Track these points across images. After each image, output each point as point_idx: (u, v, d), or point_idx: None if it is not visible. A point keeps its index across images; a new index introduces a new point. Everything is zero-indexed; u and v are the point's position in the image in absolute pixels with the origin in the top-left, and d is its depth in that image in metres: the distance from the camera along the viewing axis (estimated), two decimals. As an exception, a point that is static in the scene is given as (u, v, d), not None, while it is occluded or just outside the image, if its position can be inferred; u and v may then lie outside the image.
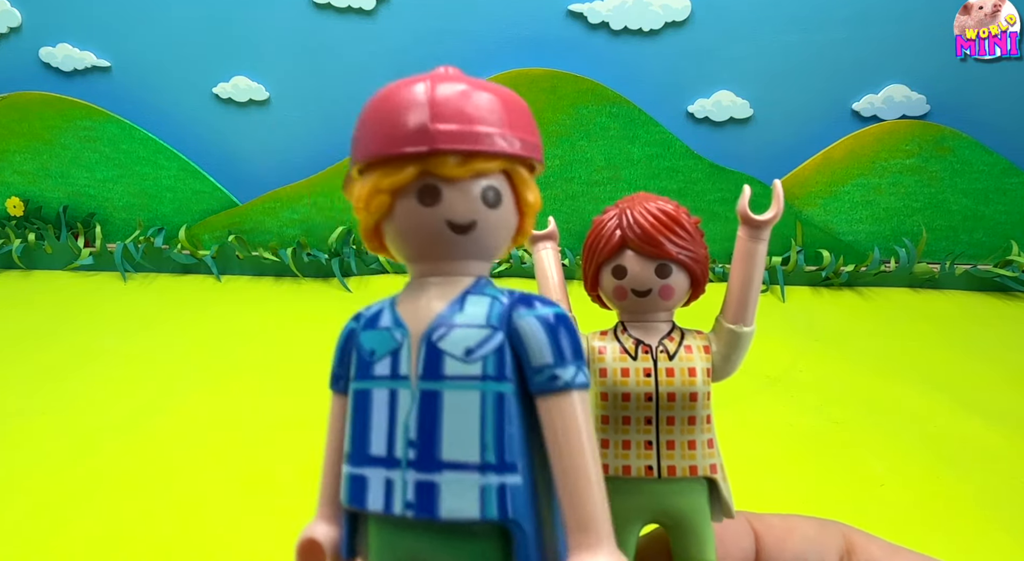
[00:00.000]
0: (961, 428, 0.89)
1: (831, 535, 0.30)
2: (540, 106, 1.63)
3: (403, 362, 0.22)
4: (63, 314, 1.32)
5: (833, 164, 1.71)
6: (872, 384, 1.04)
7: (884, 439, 0.86)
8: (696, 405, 0.30)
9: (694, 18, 1.62)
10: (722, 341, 0.31)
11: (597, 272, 0.32)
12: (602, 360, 0.31)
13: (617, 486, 0.29)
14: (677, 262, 0.31)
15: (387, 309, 0.23)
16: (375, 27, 1.63)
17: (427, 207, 0.22)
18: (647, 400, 0.30)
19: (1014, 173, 1.68)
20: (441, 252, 0.23)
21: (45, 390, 0.96)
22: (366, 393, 0.22)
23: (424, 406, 0.21)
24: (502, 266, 1.63)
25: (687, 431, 0.30)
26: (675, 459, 0.30)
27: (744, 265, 0.31)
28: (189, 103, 1.70)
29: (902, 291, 1.62)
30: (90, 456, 0.78)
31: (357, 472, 0.22)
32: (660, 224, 0.30)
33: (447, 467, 0.20)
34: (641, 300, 0.31)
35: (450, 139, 0.21)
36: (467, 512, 0.20)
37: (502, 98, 0.23)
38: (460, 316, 0.22)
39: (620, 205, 0.32)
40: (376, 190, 0.22)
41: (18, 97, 1.67)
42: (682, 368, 0.30)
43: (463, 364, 0.21)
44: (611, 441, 0.30)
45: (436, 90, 0.22)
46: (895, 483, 0.75)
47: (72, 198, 1.74)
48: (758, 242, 0.31)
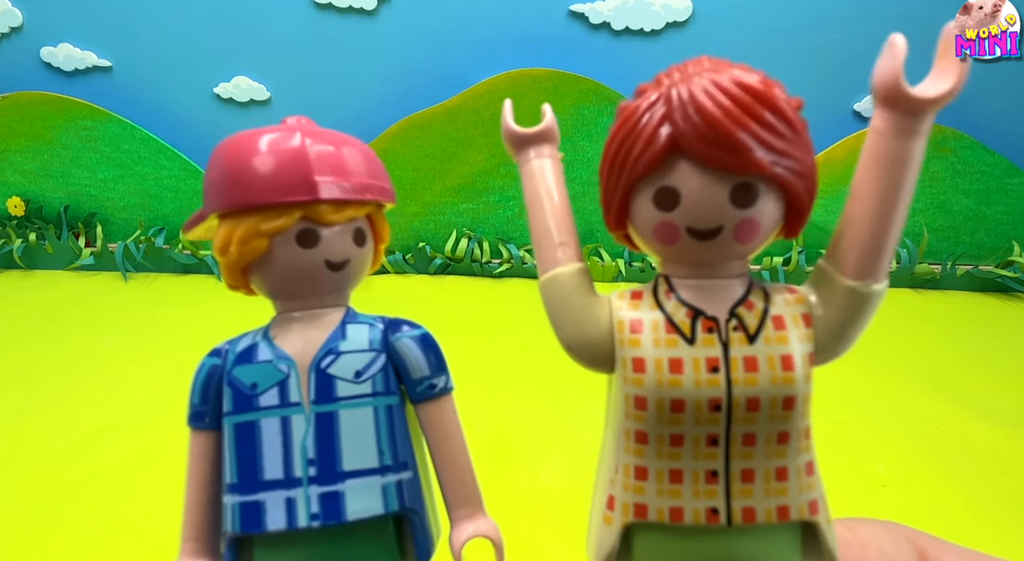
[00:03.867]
0: (963, 429, 0.89)
1: (904, 544, 0.25)
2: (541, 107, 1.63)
3: (292, 390, 0.24)
4: (63, 314, 1.32)
5: (835, 164, 1.71)
6: (873, 385, 1.03)
7: (885, 440, 0.86)
8: (792, 415, 0.19)
9: (695, 18, 1.62)
10: (835, 305, 0.19)
11: (627, 197, 0.20)
12: (636, 344, 0.19)
13: (660, 536, 0.20)
14: (770, 179, 0.18)
15: (262, 343, 0.25)
16: (376, 27, 1.63)
17: (306, 249, 0.24)
18: (713, 410, 0.19)
19: (1016, 173, 1.68)
20: (316, 288, 0.25)
21: (45, 390, 0.96)
22: (252, 425, 0.24)
23: (320, 427, 0.23)
24: (503, 267, 1.63)
25: (775, 454, 0.19)
26: (755, 497, 0.19)
27: (887, 179, 0.17)
28: (190, 103, 1.70)
29: (903, 291, 1.62)
30: (90, 456, 0.78)
31: (249, 499, 0.23)
32: (741, 109, 0.18)
33: (349, 476, 0.23)
34: (703, 245, 0.19)
35: (330, 190, 0.24)
36: (372, 510, 0.23)
37: (362, 152, 0.26)
38: (344, 343, 0.25)
39: (667, 78, 0.19)
40: (254, 234, 0.24)
41: (19, 97, 1.67)
42: (771, 356, 0.18)
43: (354, 385, 0.24)
44: (650, 470, 0.20)
45: (312, 145, 0.24)
46: (896, 484, 0.75)
47: (73, 198, 1.74)
48: (914, 138, 0.18)
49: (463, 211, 1.70)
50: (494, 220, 1.73)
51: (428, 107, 1.64)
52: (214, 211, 0.24)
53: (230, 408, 0.24)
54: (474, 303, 1.44)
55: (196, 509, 0.25)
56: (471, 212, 1.73)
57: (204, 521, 0.25)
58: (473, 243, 1.68)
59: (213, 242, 0.25)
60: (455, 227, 1.71)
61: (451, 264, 1.67)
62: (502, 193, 1.71)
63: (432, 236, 1.71)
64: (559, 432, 0.83)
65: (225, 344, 0.26)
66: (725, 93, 0.17)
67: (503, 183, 1.70)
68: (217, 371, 0.26)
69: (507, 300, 1.44)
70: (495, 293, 1.51)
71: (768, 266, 1.59)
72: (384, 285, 1.58)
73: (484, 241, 1.68)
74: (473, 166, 1.69)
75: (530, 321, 1.24)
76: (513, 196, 1.71)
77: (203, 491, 0.25)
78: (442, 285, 1.57)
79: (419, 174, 1.69)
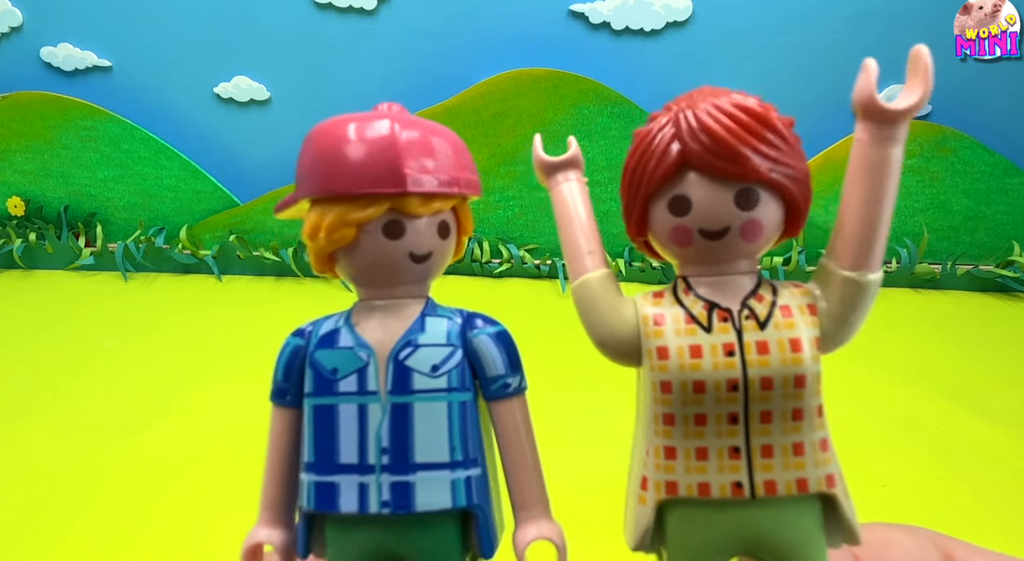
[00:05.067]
0: (962, 429, 0.89)
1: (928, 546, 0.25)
2: (542, 106, 1.63)
3: (371, 379, 0.24)
4: (64, 314, 1.32)
5: (835, 164, 1.70)
6: (873, 384, 1.03)
7: (885, 440, 0.86)
8: (804, 392, 0.21)
9: (695, 18, 1.62)
10: (835, 296, 0.22)
11: (645, 207, 0.23)
12: (660, 335, 0.22)
13: (690, 511, 0.22)
14: (768, 184, 0.21)
15: (344, 329, 0.25)
16: (376, 27, 1.63)
17: (392, 240, 0.24)
18: (731, 389, 0.21)
19: (1016, 173, 1.67)
20: (399, 279, 0.26)
21: (45, 390, 0.95)
22: (331, 408, 0.24)
23: (395, 417, 0.24)
24: (503, 267, 1.63)
25: (791, 430, 0.22)
26: (775, 471, 0.21)
27: (871, 181, 0.21)
28: (190, 103, 1.70)
29: (903, 291, 1.62)
30: (90, 456, 0.78)
31: (325, 480, 0.24)
32: (740, 126, 0.21)
33: (420, 468, 0.23)
34: (714, 245, 0.22)
35: (417, 183, 0.24)
36: (440, 504, 0.23)
37: (451, 142, 0.26)
38: (423, 336, 0.25)
39: (675, 105, 0.22)
40: (342, 222, 0.24)
41: (19, 97, 1.67)
42: (780, 340, 0.21)
43: (430, 379, 0.24)
44: (678, 449, 0.22)
45: (401, 134, 0.24)
46: (896, 484, 0.75)
47: (73, 198, 1.74)
48: (891, 145, 0.21)
49: (463, 211, 1.70)
50: (494, 220, 1.73)
51: (428, 107, 1.63)
52: (305, 197, 0.25)
53: (311, 389, 0.25)
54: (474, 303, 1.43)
55: (274, 482, 0.26)
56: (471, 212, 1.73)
57: (281, 494, 0.26)
58: (473, 243, 1.68)
59: (303, 224, 0.25)
60: (455, 227, 1.71)
61: (451, 264, 1.67)
62: (502, 193, 1.71)
63: (432, 236, 1.71)
64: (561, 432, 0.83)
65: (308, 325, 0.26)
66: (725, 113, 0.21)
67: (503, 183, 1.70)
68: (300, 351, 0.25)
69: (507, 300, 1.44)
70: (495, 293, 1.51)
71: (768, 266, 1.59)
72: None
73: (484, 241, 1.68)
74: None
75: (530, 321, 1.24)
76: (513, 196, 1.71)
77: (282, 465, 0.26)
78: (442, 285, 1.56)
79: (419, 174, 1.69)
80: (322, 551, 0.25)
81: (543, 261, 1.66)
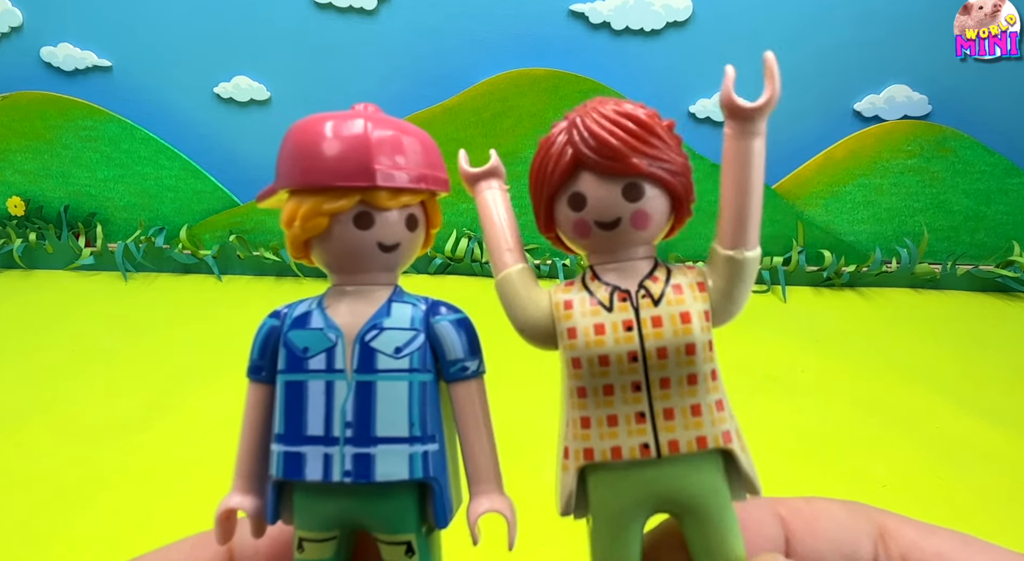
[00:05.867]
0: (962, 429, 0.89)
1: (861, 518, 0.26)
2: (542, 106, 1.63)
3: (338, 358, 0.26)
4: (64, 314, 1.32)
5: (835, 164, 1.71)
6: (873, 385, 1.03)
7: (885, 440, 0.86)
8: (695, 359, 0.24)
9: (695, 18, 1.62)
10: (719, 273, 0.25)
11: (550, 205, 0.26)
12: (569, 317, 0.25)
13: (606, 474, 0.24)
14: (650, 178, 0.24)
15: (316, 311, 0.27)
16: (376, 27, 1.63)
17: (362, 230, 0.26)
18: (632, 361, 0.24)
19: (1016, 173, 1.68)
20: (368, 266, 0.27)
21: (45, 390, 0.96)
22: (301, 384, 0.26)
23: (359, 394, 0.26)
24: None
25: (688, 394, 0.24)
26: (676, 431, 0.24)
27: (737, 169, 0.24)
28: (190, 103, 1.70)
29: (903, 291, 1.62)
30: (90, 456, 0.78)
31: (293, 450, 0.26)
32: (622, 130, 0.24)
33: (381, 441, 0.25)
34: (609, 234, 0.25)
35: (387, 178, 0.26)
36: (398, 475, 0.25)
37: (422, 140, 0.28)
38: (388, 320, 0.27)
39: (572, 115, 0.25)
40: (315, 212, 0.26)
41: (19, 97, 1.67)
42: (672, 314, 0.24)
43: (393, 359, 0.26)
44: (592, 418, 0.24)
45: (374, 132, 0.26)
46: (897, 484, 0.75)
47: (73, 198, 1.74)
48: (752, 137, 0.24)
49: (463, 211, 1.70)
50: (494, 220, 1.73)
51: (428, 107, 1.64)
52: (282, 187, 0.27)
53: (283, 366, 0.27)
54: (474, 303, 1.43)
55: (247, 452, 0.28)
56: (471, 212, 1.73)
57: (253, 463, 0.28)
58: (473, 243, 1.68)
59: (281, 213, 0.27)
60: (455, 227, 1.71)
61: (451, 264, 1.67)
62: (502, 193, 1.71)
63: (432, 236, 1.71)
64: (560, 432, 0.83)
65: (284, 308, 0.28)
66: (609, 120, 0.24)
67: (503, 183, 1.70)
68: (275, 331, 0.28)
69: (507, 300, 1.44)
70: (495, 293, 1.51)
71: (768, 266, 1.59)
72: (384, 285, 1.58)
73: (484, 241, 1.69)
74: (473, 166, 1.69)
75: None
76: (513, 196, 1.70)
77: (254, 437, 0.28)
78: (442, 285, 1.57)
79: (419, 174, 1.69)
80: (290, 518, 0.26)
81: (543, 261, 1.66)
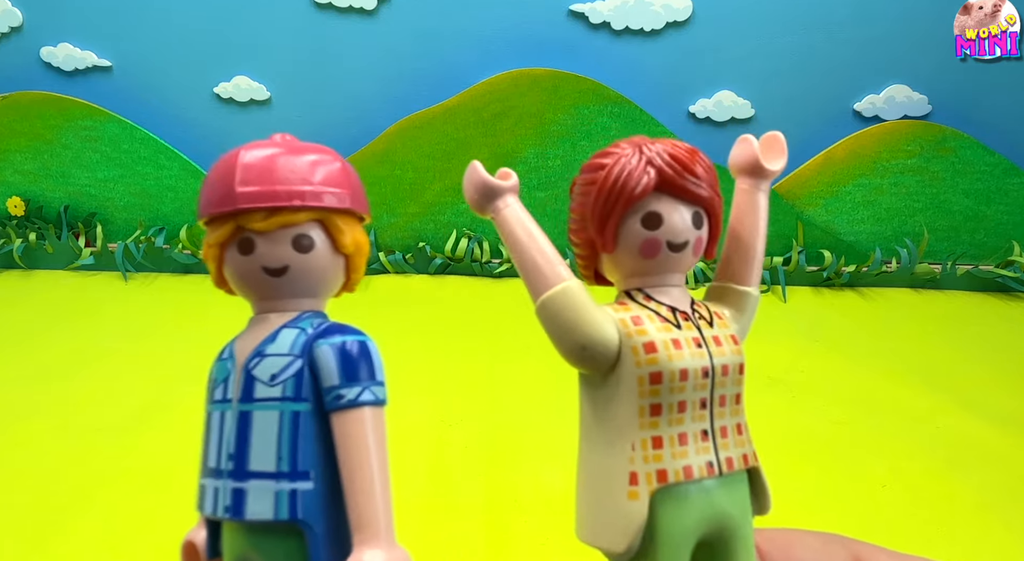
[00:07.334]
0: (963, 429, 0.89)
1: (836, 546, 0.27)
2: (541, 106, 1.63)
3: (230, 387, 0.25)
4: (63, 314, 1.32)
5: (835, 164, 1.70)
6: (873, 384, 1.03)
7: (885, 440, 0.86)
8: (742, 379, 0.25)
9: (695, 18, 1.62)
10: (736, 307, 0.27)
11: (619, 222, 0.25)
12: (643, 332, 0.24)
13: (675, 497, 0.23)
14: (710, 210, 0.26)
15: (230, 342, 0.27)
16: (376, 27, 1.63)
17: (244, 256, 0.26)
18: (704, 376, 0.24)
19: (1016, 173, 1.68)
20: (262, 293, 0.26)
21: (45, 390, 0.95)
22: (209, 415, 0.26)
23: (240, 425, 0.25)
24: (503, 267, 1.63)
25: (734, 413, 0.25)
26: (730, 449, 0.24)
27: (754, 219, 0.27)
28: (190, 103, 1.70)
29: (903, 291, 1.62)
30: (90, 456, 0.78)
31: (201, 482, 0.26)
32: (699, 161, 0.26)
33: (252, 476, 0.24)
34: (675, 257, 0.26)
35: (249, 199, 0.25)
36: (264, 514, 0.23)
37: (312, 159, 0.26)
38: (271, 346, 0.25)
39: (630, 144, 0.26)
40: (208, 244, 0.26)
41: (19, 97, 1.67)
42: (726, 335, 0.25)
43: (268, 387, 0.25)
44: (664, 438, 0.24)
45: (244, 156, 0.26)
46: (897, 484, 0.75)
47: (73, 198, 1.74)
48: (764, 193, 0.27)
49: (463, 211, 1.70)
50: (494, 220, 1.73)
51: (428, 107, 1.63)
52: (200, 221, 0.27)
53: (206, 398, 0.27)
54: (474, 303, 1.44)
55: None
56: (471, 212, 1.72)
57: None
58: (473, 243, 1.68)
59: None
60: (455, 227, 1.71)
61: (451, 264, 1.67)
62: (502, 193, 1.71)
63: (432, 236, 1.71)
64: (560, 432, 0.83)
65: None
66: (679, 148, 0.25)
67: (503, 183, 1.70)
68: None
69: (507, 300, 1.44)
70: (495, 293, 1.51)
71: (768, 266, 1.59)
72: (384, 285, 1.58)
73: (484, 241, 1.68)
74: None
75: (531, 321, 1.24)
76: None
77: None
78: (442, 285, 1.57)
79: (419, 174, 1.68)
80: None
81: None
